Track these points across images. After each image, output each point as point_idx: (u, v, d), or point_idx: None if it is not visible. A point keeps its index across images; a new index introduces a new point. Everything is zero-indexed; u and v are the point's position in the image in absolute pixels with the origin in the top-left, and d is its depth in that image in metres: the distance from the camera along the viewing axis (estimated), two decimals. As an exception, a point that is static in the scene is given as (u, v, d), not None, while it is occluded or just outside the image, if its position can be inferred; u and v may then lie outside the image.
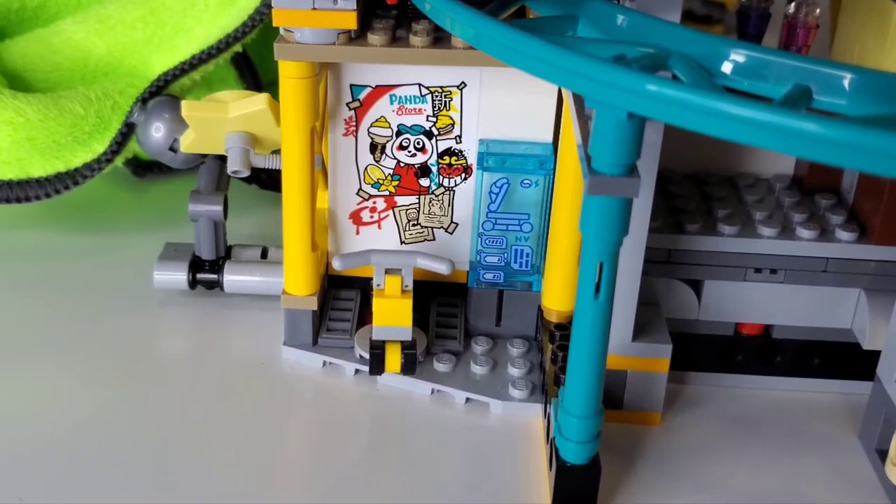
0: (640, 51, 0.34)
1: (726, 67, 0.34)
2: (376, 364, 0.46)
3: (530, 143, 0.48)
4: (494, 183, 0.47)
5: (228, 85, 0.62)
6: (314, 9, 0.42)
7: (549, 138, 0.48)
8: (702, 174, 0.53)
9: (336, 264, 0.46)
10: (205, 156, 0.55)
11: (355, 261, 0.46)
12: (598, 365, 0.38)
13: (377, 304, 0.45)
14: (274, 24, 0.43)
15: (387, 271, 0.45)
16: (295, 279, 0.49)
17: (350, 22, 0.43)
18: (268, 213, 0.61)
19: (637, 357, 0.44)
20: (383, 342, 0.46)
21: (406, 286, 0.45)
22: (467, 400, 0.46)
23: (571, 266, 0.47)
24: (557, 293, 0.48)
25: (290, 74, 0.44)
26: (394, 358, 0.46)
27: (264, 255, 0.54)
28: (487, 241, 0.49)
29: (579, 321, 0.38)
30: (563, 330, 0.47)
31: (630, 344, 0.44)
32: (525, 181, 0.47)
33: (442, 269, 0.46)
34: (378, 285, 0.45)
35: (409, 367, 0.46)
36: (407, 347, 0.46)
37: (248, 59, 0.62)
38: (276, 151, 0.49)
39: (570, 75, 0.31)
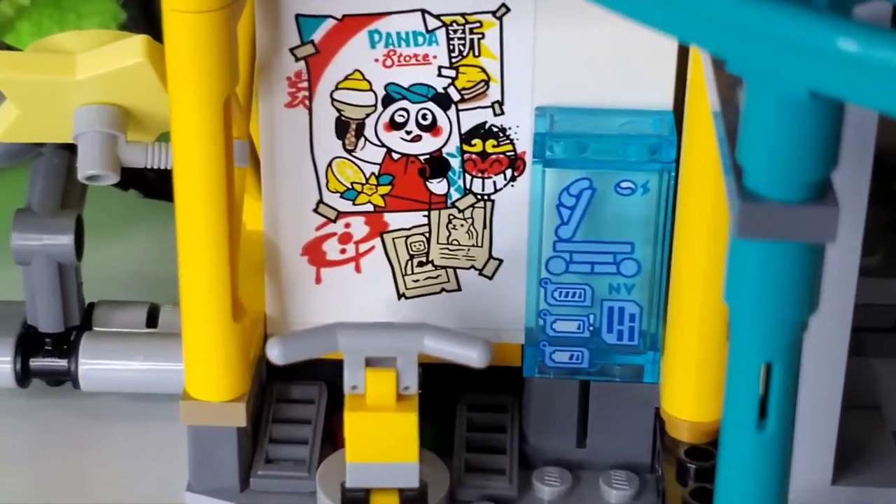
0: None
1: None
2: (355, 533, 0.45)
3: (632, 114, 0.47)
4: (567, 189, 0.47)
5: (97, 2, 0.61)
6: None
7: (667, 103, 0.47)
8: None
9: (273, 354, 0.46)
10: (40, 146, 0.55)
11: (308, 345, 0.46)
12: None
13: (352, 422, 0.46)
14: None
15: (369, 363, 0.45)
16: (203, 374, 0.48)
17: None
18: (159, 235, 0.61)
19: (841, 512, 0.44)
20: (366, 491, 0.47)
21: (406, 388, 0.46)
22: (526, 593, 0.46)
23: (716, 340, 0.47)
24: (691, 390, 0.48)
25: (184, 6, 0.43)
26: (387, 519, 0.45)
27: (152, 317, 0.54)
28: (558, 294, 0.49)
29: (730, 467, 0.36)
30: (704, 459, 0.48)
31: (828, 489, 0.45)
32: (624, 184, 0.47)
33: (470, 356, 0.46)
34: (354, 388, 0.46)
35: (414, 537, 0.45)
36: (411, 499, 0.46)
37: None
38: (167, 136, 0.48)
39: (687, 16, 0.29)
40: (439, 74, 0.48)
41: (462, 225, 0.50)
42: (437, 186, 0.49)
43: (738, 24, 0.29)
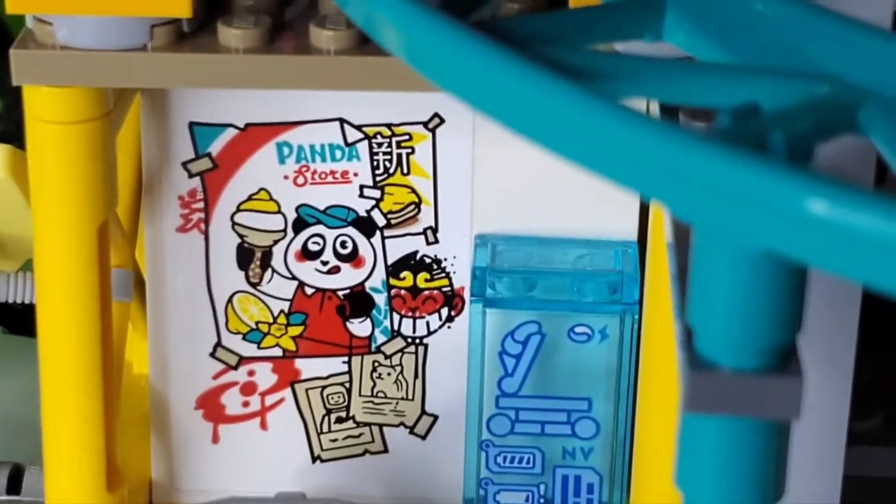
0: (793, 89, 0.33)
1: None
2: None
3: (589, 245, 0.49)
4: (512, 333, 0.48)
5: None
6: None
7: (630, 233, 0.49)
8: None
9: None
10: None
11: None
12: None
13: None
14: (9, 11, 0.43)
15: (270, 546, 0.46)
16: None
17: (179, 7, 0.43)
18: (28, 377, 0.58)
19: None
20: None
21: (315, 576, 0.47)
22: None
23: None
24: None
25: (51, 116, 0.44)
26: None
27: (15, 481, 0.53)
28: (502, 459, 0.49)
29: None
30: None
31: None
32: (579, 328, 0.48)
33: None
34: (251, 576, 0.47)
35: None
36: None
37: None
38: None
39: (627, 162, 0.30)
40: (361, 195, 0.49)
41: (389, 374, 0.50)
42: (359, 328, 0.50)
43: (676, 171, 0.30)
